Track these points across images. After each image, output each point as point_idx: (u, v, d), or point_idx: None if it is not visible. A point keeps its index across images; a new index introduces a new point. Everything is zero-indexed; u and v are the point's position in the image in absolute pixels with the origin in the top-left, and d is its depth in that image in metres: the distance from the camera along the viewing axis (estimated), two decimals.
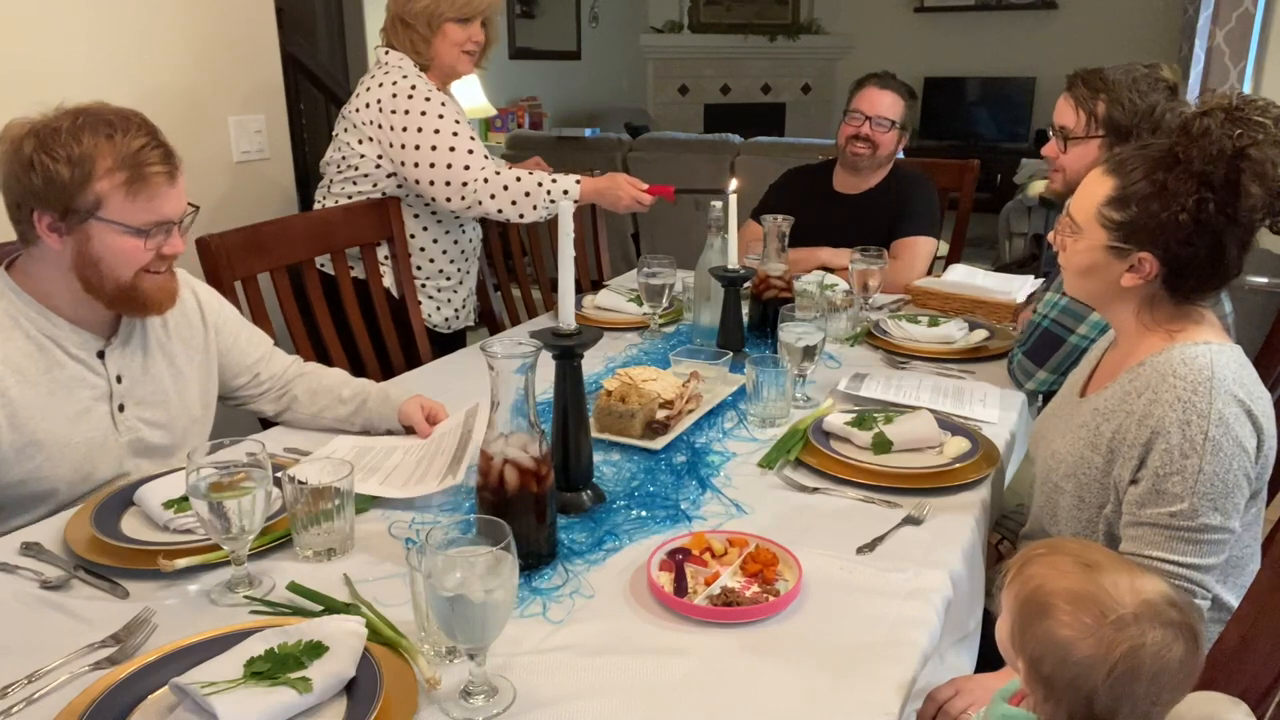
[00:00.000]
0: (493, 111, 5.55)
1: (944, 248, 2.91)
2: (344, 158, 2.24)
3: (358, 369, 2.13)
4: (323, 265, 2.19)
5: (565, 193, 2.15)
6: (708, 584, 1.12)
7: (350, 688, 0.93)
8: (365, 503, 1.31)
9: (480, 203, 2.16)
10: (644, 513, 1.31)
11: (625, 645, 1.03)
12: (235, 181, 2.59)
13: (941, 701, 1.13)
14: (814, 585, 1.13)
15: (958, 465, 1.43)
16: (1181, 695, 0.87)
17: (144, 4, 2.31)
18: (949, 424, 1.56)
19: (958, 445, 1.49)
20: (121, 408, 1.44)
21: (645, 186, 2.20)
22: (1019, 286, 2.30)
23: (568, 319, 1.24)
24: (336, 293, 2.14)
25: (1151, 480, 1.21)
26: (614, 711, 0.93)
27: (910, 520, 1.30)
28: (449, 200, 2.17)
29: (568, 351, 1.24)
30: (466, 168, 2.14)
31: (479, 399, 1.54)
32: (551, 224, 2.41)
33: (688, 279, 2.19)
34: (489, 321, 2.62)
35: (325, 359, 2.00)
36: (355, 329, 2.16)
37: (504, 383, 1.09)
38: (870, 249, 2.15)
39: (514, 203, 2.15)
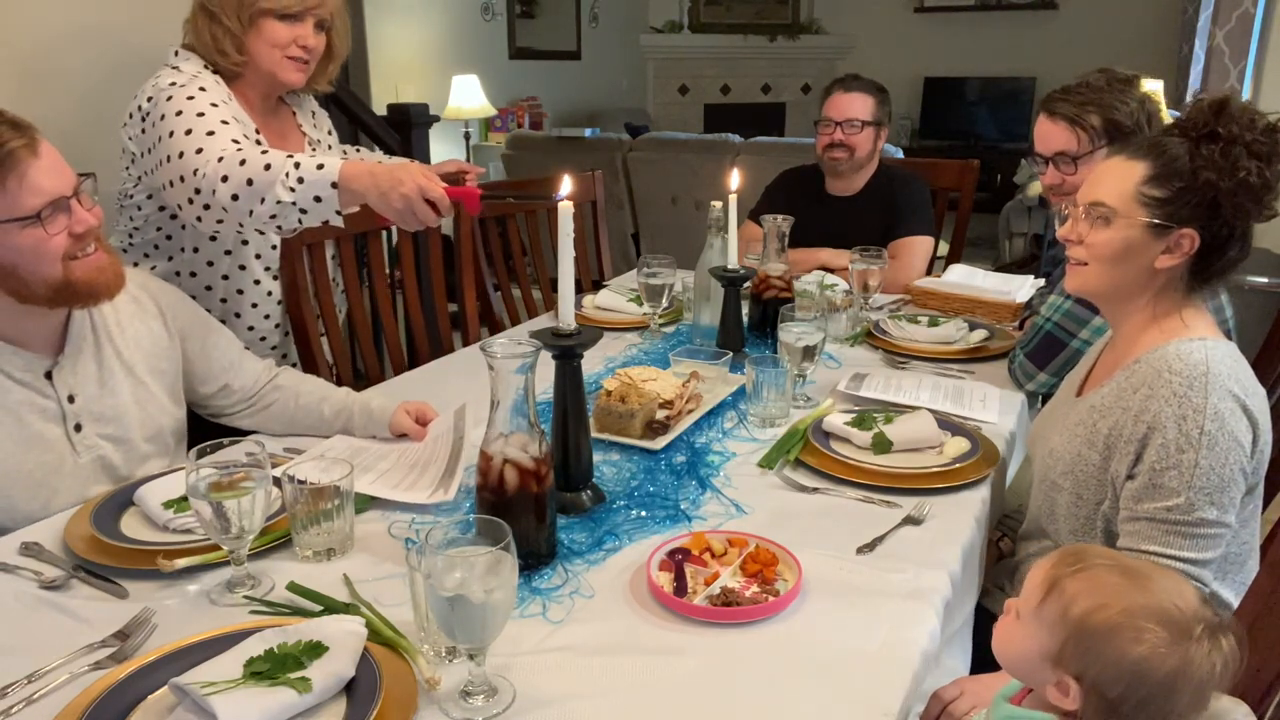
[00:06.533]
0: (493, 112, 5.55)
1: (944, 248, 2.91)
2: (120, 190, 1.85)
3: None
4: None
5: (320, 167, 1.52)
6: (707, 584, 1.12)
7: (350, 688, 0.93)
8: (364, 503, 1.31)
9: (214, 191, 1.53)
10: (644, 513, 1.31)
11: (625, 645, 1.03)
12: None
13: (947, 701, 1.13)
14: (814, 585, 1.13)
15: (958, 465, 1.43)
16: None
17: (145, 5, 2.32)
18: (949, 424, 1.56)
19: (958, 445, 1.49)
20: (79, 427, 1.37)
21: (444, 186, 1.52)
22: (1019, 286, 2.31)
23: (568, 319, 1.24)
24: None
25: (1148, 475, 1.21)
26: (614, 711, 0.93)
27: (910, 520, 1.30)
28: (186, 204, 1.59)
29: (568, 351, 1.24)
30: (199, 151, 1.57)
31: (467, 400, 1.54)
32: (552, 223, 2.39)
33: (688, 279, 2.18)
34: (489, 321, 2.61)
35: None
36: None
37: (504, 383, 1.09)
38: (870, 249, 2.15)
39: (250, 182, 1.51)
